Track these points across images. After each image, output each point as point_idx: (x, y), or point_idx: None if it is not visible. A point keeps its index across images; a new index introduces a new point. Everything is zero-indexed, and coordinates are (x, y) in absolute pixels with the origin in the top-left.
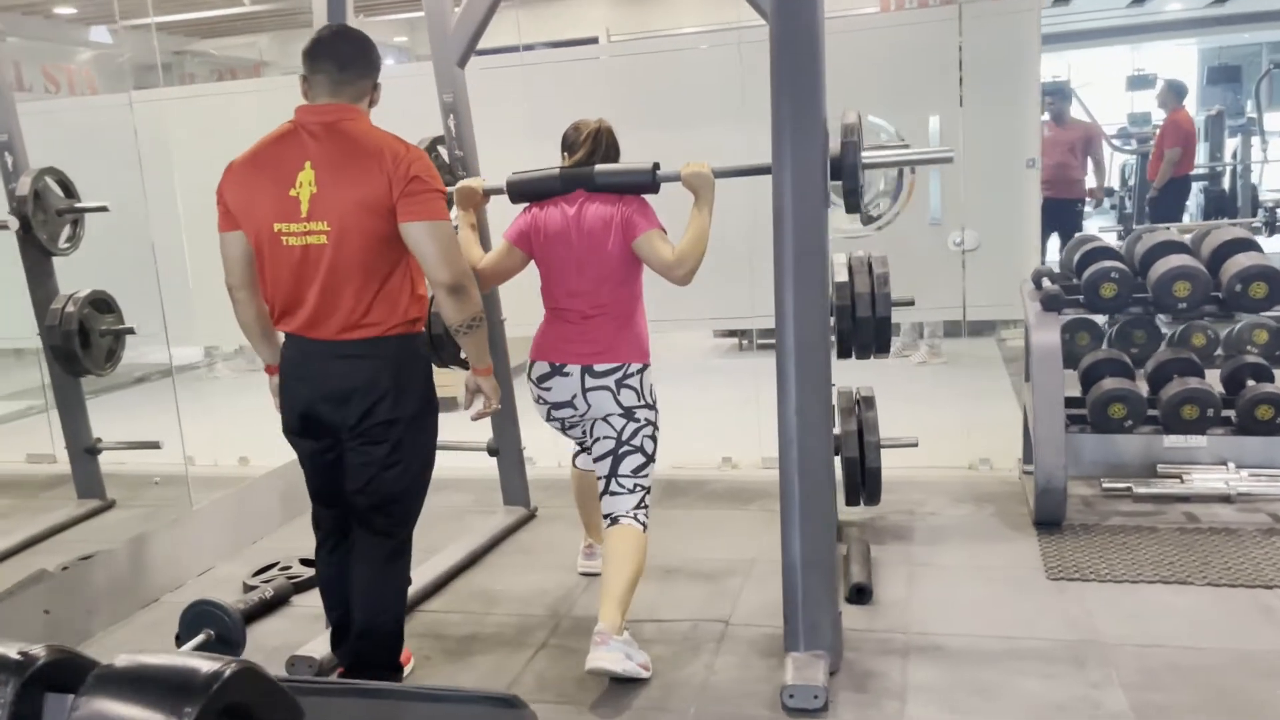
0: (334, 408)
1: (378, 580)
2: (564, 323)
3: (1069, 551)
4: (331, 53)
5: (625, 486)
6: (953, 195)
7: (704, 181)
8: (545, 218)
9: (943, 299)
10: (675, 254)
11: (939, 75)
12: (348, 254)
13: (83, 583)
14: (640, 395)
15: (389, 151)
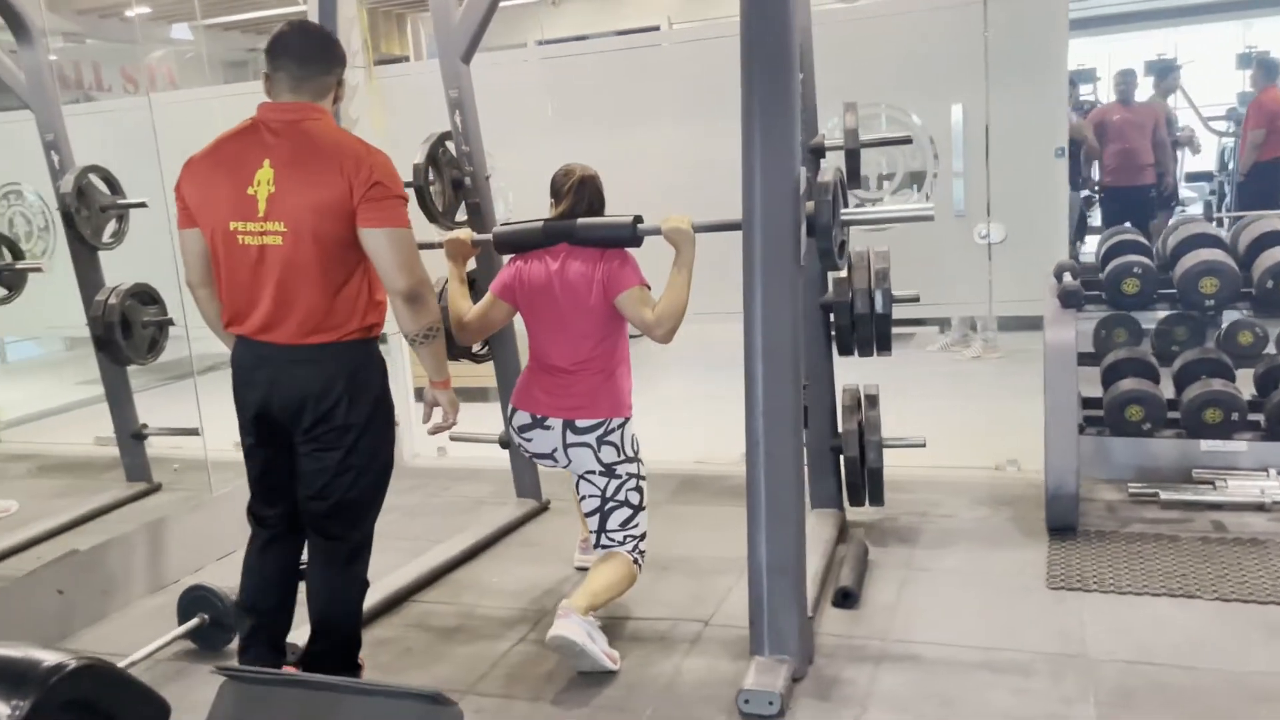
0: (288, 413)
1: (335, 583)
2: (547, 375)
3: (1077, 560)
4: (292, 49)
5: (615, 540)
6: (978, 187)
7: (684, 237)
8: (529, 271)
9: (968, 294)
10: (655, 315)
11: (963, 62)
12: (303, 256)
13: (99, 564)
14: (620, 450)
15: (350, 154)
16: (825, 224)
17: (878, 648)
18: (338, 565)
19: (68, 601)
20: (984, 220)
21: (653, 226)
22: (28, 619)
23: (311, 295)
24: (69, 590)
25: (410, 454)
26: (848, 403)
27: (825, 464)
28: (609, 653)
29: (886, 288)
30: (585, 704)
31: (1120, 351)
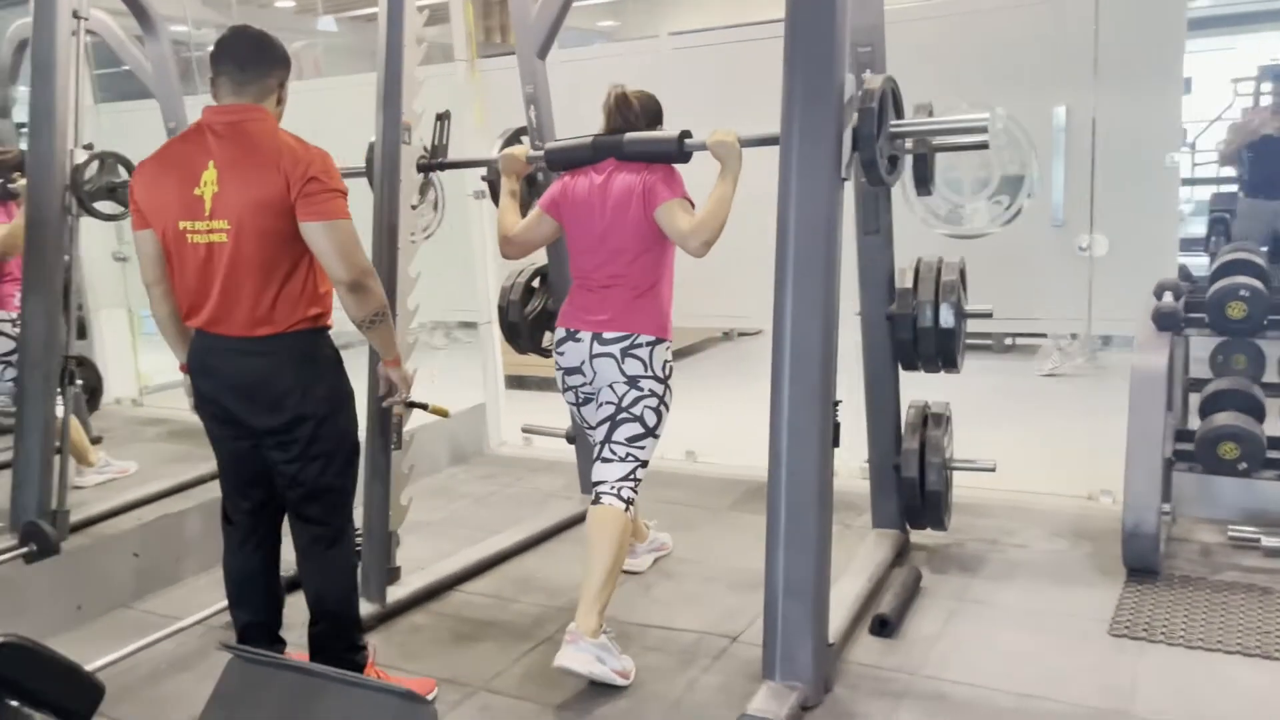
0: (240, 403)
1: (321, 568)
2: (585, 291)
3: (1149, 606)
4: (231, 53)
5: (617, 454)
6: (1079, 194)
7: (729, 150)
8: (574, 186)
9: (1065, 310)
10: (691, 223)
11: (1069, 60)
12: (246, 252)
13: (175, 530)
14: (647, 366)
15: (287, 152)
16: (867, 133)
17: (904, 682)
18: (322, 549)
19: (143, 564)
20: (1086, 231)
21: (699, 141)
22: (105, 578)
23: (255, 289)
24: (144, 554)
25: (497, 442)
26: (912, 420)
27: (887, 483)
28: (620, 670)
29: (954, 301)
30: (589, 712)
31: (1222, 381)
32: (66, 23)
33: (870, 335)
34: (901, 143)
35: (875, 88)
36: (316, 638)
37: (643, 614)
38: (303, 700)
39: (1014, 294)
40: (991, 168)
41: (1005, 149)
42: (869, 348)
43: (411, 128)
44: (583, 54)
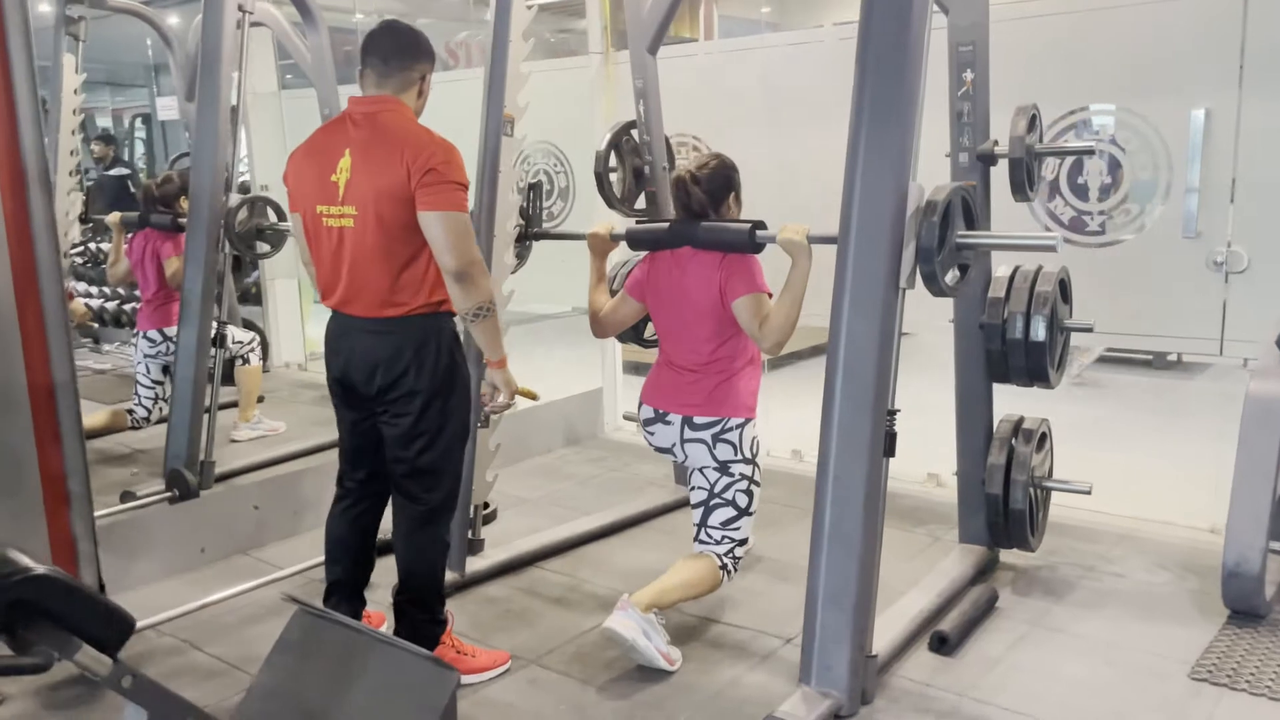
0: (363, 379)
1: (413, 542)
2: (671, 371)
3: (1242, 651)
4: (377, 48)
5: (713, 538)
6: (1218, 205)
7: (798, 249)
8: (656, 271)
9: (1196, 329)
10: (763, 328)
11: (1211, 60)
12: (372, 238)
13: (294, 487)
14: (738, 450)
15: (413, 143)
16: (928, 248)
17: (950, 703)
18: (417, 525)
19: (262, 516)
20: (1223, 244)
21: (770, 234)
22: (229, 526)
23: (378, 273)
24: (264, 507)
25: (612, 426)
26: (1001, 434)
27: (974, 498)
28: (665, 652)
29: (1047, 313)
30: (627, 696)
31: None
32: (232, 14)
33: (962, 344)
34: (973, 253)
35: (939, 200)
36: (400, 605)
37: (703, 606)
38: (349, 653)
39: (1140, 309)
40: (1120, 174)
41: (1138, 153)
42: (961, 357)
43: (514, 120)
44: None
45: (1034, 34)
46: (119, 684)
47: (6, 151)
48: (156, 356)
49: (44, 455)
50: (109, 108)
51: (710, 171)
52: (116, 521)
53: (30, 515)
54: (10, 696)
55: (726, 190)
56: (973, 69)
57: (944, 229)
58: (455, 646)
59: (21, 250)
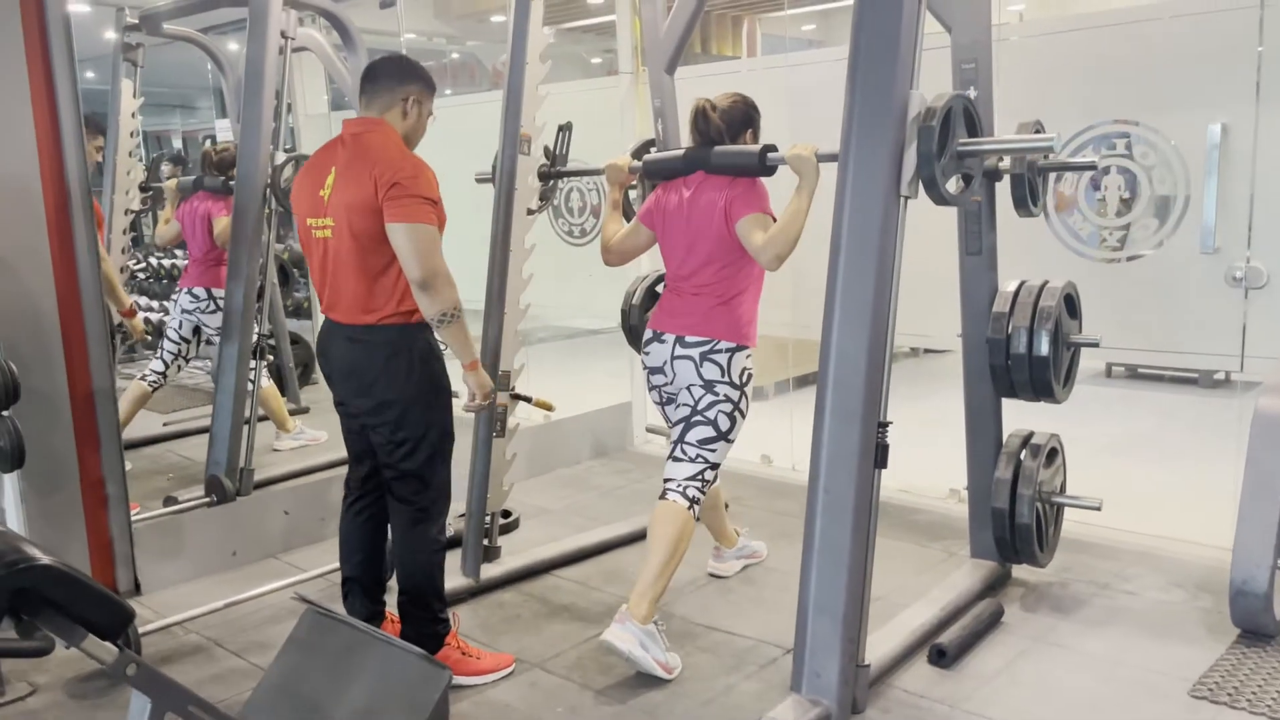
0: (342, 384)
1: (405, 543)
2: (674, 296)
3: (1246, 670)
4: (368, 75)
5: (687, 455)
6: (1235, 219)
7: (806, 165)
8: (667, 198)
9: (1214, 345)
10: (764, 237)
11: (1228, 75)
12: (346, 248)
13: (323, 493)
14: (725, 372)
15: (383, 160)
16: (927, 152)
17: (942, 714)
18: (409, 526)
19: (292, 521)
20: (1241, 259)
21: (780, 155)
22: (260, 530)
23: (354, 281)
24: (294, 513)
25: (641, 439)
26: (1010, 449)
27: (984, 512)
28: (663, 661)
29: (1051, 328)
30: (623, 701)
31: None
32: (275, 40)
33: (970, 359)
34: (978, 161)
35: (938, 105)
36: (402, 605)
37: (708, 615)
38: (352, 650)
39: (1158, 325)
40: (1139, 188)
41: (1155, 168)
42: (968, 371)
43: (530, 139)
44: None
45: (1050, 50)
46: (123, 671)
47: (51, 174)
48: (194, 313)
49: (84, 459)
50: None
51: (729, 104)
52: (157, 524)
53: (70, 516)
54: (39, 687)
55: (744, 125)
56: (975, 86)
57: (944, 135)
58: (460, 648)
59: (65, 266)
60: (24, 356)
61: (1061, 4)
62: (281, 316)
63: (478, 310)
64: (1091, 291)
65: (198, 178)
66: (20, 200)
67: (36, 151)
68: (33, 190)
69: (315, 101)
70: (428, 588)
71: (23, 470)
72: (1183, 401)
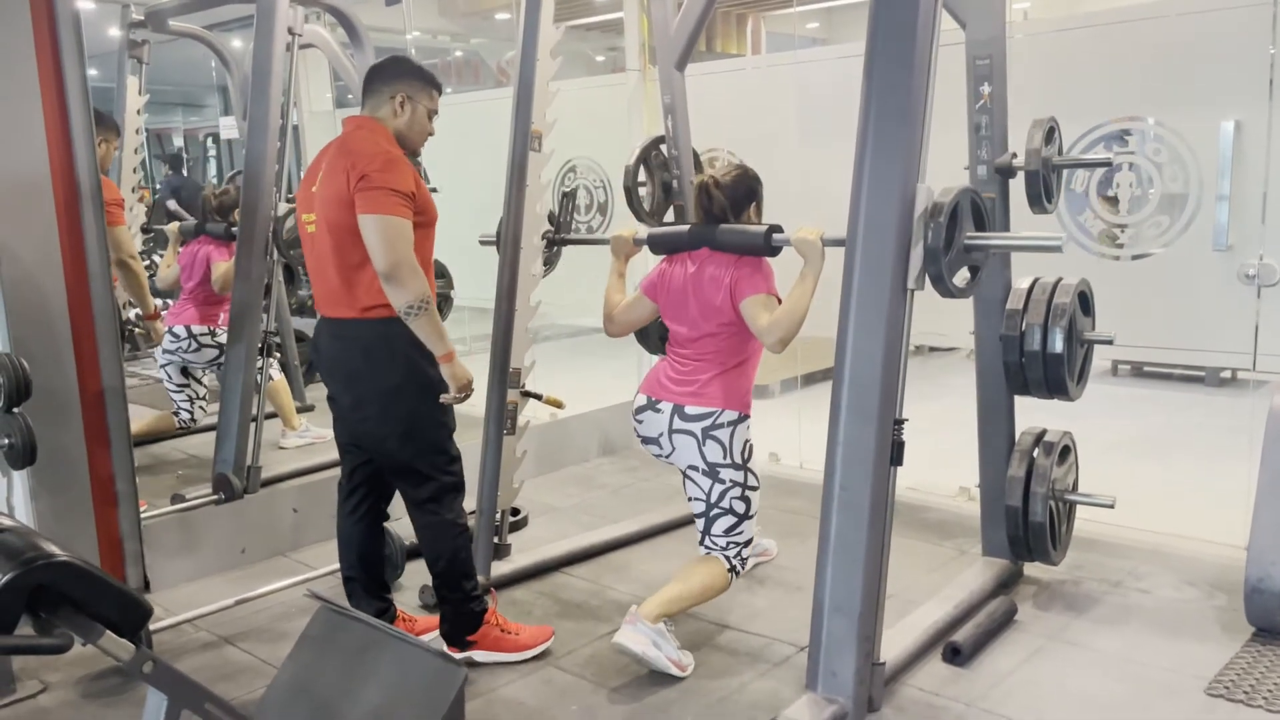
0: (328, 377)
1: (423, 533)
2: (672, 365)
3: (1262, 668)
4: (367, 75)
5: (718, 545)
6: (1248, 216)
7: (811, 249)
8: (671, 272)
9: (1227, 342)
10: (769, 320)
11: (1241, 72)
12: (325, 242)
13: (331, 491)
14: (727, 452)
15: (358, 154)
16: (934, 248)
17: (957, 712)
18: (419, 514)
19: (300, 519)
20: (1254, 257)
21: (785, 237)
22: (269, 528)
23: (332, 274)
24: (302, 510)
25: None
26: (1022, 446)
27: (997, 510)
28: (675, 659)
29: (1065, 325)
30: (636, 699)
31: None
32: (282, 37)
33: (983, 357)
34: (984, 255)
35: (945, 201)
36: (436, 590)
37: (721, 613)
38: (366, 648)
39: (1170, 322)
40: (1151, 185)
41: (1168, 165)
42: (981, 369)
43: (541, 136)
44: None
45: (1064, 47)
46: (140, 669)
47: (61, 171)
48: (175, 353)
49: (94, 457)
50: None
51: (733, 179)
52: (165, 522)
53: (80, 514)
54: (51, 685)
55: (748, 199)
56: (990, 82)
57: (951, 230)
58: (500, 625)
59: (75, 263)
60: (34, 354)
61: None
62: (287, 314)
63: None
64: (1103, 289)
65: (199, 223)
66: (30, 197)
67: (46, 149)
68: (43, 187)
69: (320, 99)
70: (454, 569)
71: (33, 468)
72: (1190, 399)
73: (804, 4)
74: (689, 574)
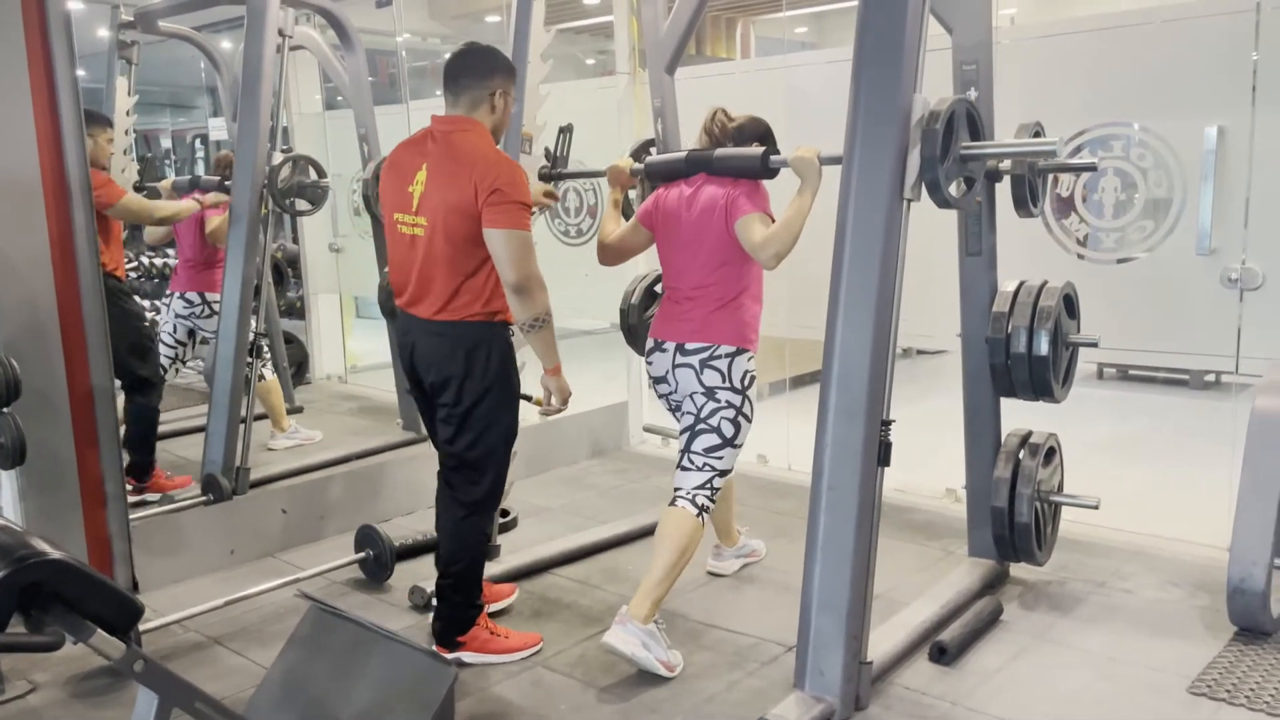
0: (423, 374)
1: (454, 530)
2: (671, 302)
3: (1244, 667)
4: (449, 71)
5: (694, 464)
6: (1231, 221)
7: (808, 167)
8: (667, 197)
9: (1210, 345)
10: (764, 235)
11: (1224, 79)
12: (438, 248)
13: (321, 493)
14: (725, 377)
15: (480, 163)
16: (930, 155)
17: (943, 710)
18: (461, 516)
19: (290, 520)
20: (1237, 260)
21: (782, 157)
22: (258, 529)
23: (442, 280)
24: (291, 511)
25: (636, 439)
26: (1008, 448)
27: (983, 511)
28: (665, 659)
29: (1050, 327)
30: (625, 698)
31: None
32: (273, 38)
33: (969, 359)
34: (980, 165)
35: (941, 110)
36: (442, 589)
37: (710, 614)
38: (356, 647)
39: (1154, 326)
40: (1135, 189)
41: (1152, 170)
42: (968, 371)
43: (532, 139)
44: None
45: (1050, 52)
46: (131, 667)
47: (51, 169)
48: (189, 318)
49: (82, 458)
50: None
51: (747, 119)
52: (153, 522)
53: (69, 514)
54: (39, 685)
55: (756, 138)
56: (976, 87)
57: (948, 138)
58: (490, 629)
59: (64, 262)
60: (23, 354)
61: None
62: (276, 315)
63: None
64: (1088, 292)
65: (194, 177)
66: (20, 197)
67: (37, 149)
68: (33, 187)
69: (310, 101)
70: (471, 576)
71: (22, 468)
72: (1174, 402)
73: (793, 8)
74: (661, 544)
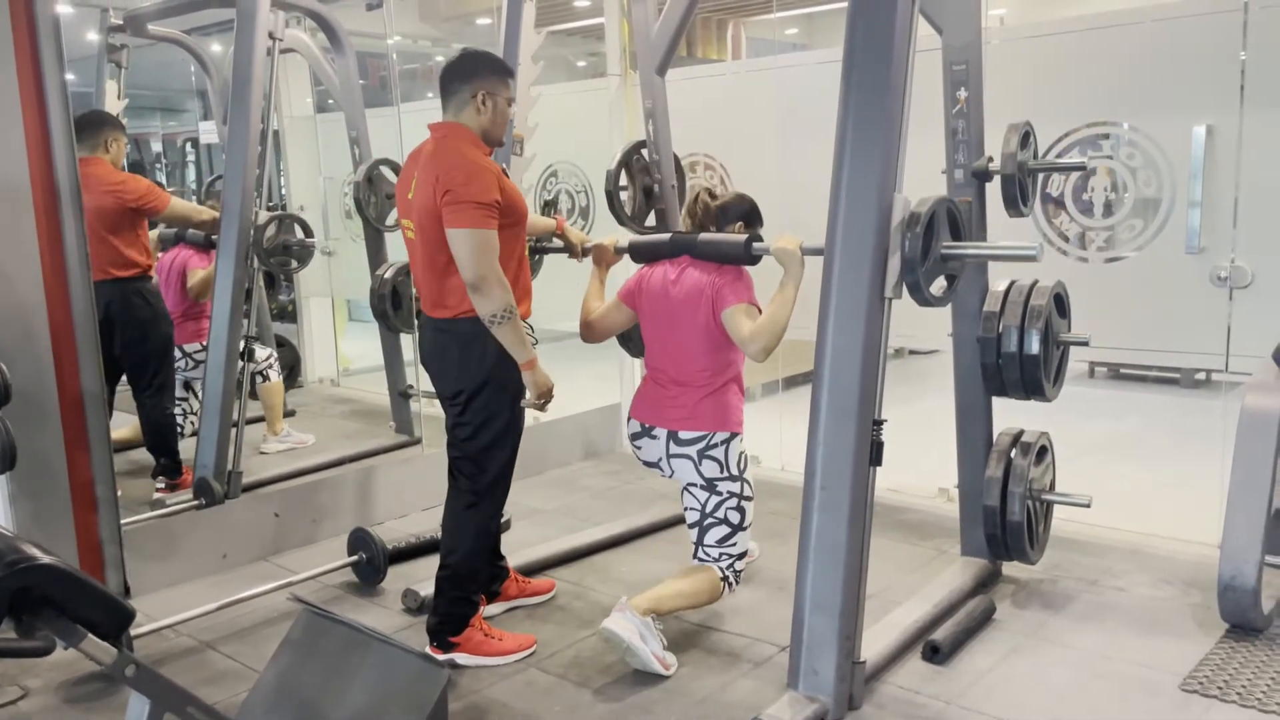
0: (428, 368)
1: (456, 523)
2: (657, 385)
3: (1236, 664)
4: (441, 77)
5: (711, 556)
6: (1219, 220)
7: (789, 258)
8: (651, 279)
9: (1199, 344)
10: (751, 329)
11: (1212, 79)
12: (422, 249)
13: (313, 496)
14: (723, 467)
15: (444, 165)
16: (911, 258)
17: (936, 710)
18: (463, 507)
19: (282, 523)
20: (1226, 259)
21: (765, 246)
22: (250, 533)
23: (431, 279)
24: (284, 515)
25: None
26: (1000, 447)
27: (975, 510)
28: (660, 656)
29: (1041, 326)
30: (619, 699)
31: None
32: (263, 41)
33: (960, 358)
34: (960, 264)
35: (922, 211)
36: (439, 581)
37: (701, 614)
38: (349, 650)
39: (1144, 324)
40: (1125, 189)
41: (1141, 169)
42: (959, 371)
43: (523, 140)
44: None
45: (1040, 52)
46: (122, 672)
47: (40, 175)
48: (179, 372)
49: (73, 462)
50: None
51: (731, 200)
52: (146, 527)
53: (59, 519)
54: (31, 691)
55: (742, 217)
56: (966, 87)
57: (928, 239)
58: (484, 630)
59: (54, 268)
60: (12, 358)
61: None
62: (268, 319)
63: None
64: (1079, 292)
65: (179, 231)
66: (9, 202)
67: (26, 153)
68: (22, 191)
69: (300, 104)
70: (466, 569)
71: (12, 472)
72: (1165, 401)
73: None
74: (683, 578)
